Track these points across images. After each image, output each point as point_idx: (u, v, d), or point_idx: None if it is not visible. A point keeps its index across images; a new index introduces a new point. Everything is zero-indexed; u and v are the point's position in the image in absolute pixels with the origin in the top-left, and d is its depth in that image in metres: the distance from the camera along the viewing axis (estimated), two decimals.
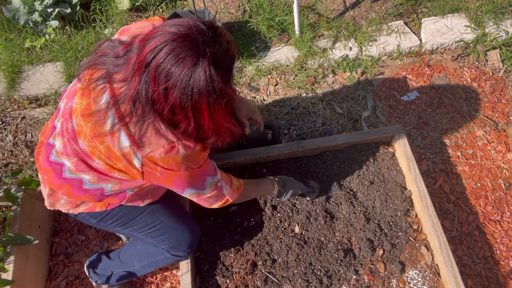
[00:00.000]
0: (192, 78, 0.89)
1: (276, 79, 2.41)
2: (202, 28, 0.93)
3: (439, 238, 1.65)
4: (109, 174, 1.16)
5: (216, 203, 1.35)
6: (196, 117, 0.97)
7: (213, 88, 0.92)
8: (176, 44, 0.89)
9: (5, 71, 2.41)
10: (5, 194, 1.63)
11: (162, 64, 0.89)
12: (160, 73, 0.90)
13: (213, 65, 0.91)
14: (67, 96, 1.21)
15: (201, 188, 1.24)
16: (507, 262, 1.82)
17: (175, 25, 0.93)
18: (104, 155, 1.11)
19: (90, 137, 1.10)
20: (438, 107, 2.30)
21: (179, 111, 0.94)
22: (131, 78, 0.95)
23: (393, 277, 1.66)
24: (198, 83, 0.90)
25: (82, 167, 1.17)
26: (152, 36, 0.93)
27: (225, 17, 2.64)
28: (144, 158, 1.07)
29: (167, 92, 0.91)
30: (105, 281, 1.63)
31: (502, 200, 1.98)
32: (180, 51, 0.89)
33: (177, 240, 1.46)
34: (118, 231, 1.45)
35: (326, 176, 1.89)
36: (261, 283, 1.64)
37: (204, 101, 0.93)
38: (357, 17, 2.65)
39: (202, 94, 0.92)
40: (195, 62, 0.89)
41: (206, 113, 0.96)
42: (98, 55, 1.08)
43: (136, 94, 0.94)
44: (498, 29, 2.54)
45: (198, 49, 0.90)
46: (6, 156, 2.15)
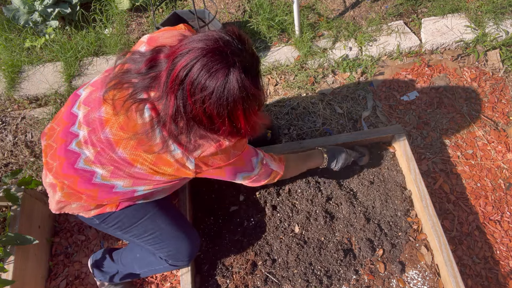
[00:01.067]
0: (226, 89, 0.94)
1: (276, 79, 2.41)
2: (227, 39, 0.97)
3: (439, 238, 1.65)
4: (150, 177, 1.20)
5: (267, 178, 1.43)
6: (233, 122, 1.03)
7: (246, 94, 0.97)
8: (207, 60, 0.93)
9: (5, 71, 2.41)
10: (5, 194, 1.63)
11: (196, 80, 0.93)
12: (196, 89, 0.94)
13: (243, 72, 0.96)
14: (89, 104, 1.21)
15: (250, 169, 1.33)
16: (507, 262, 1.82)
17: (202, 40, 0.97)
18: (149, 162, 1.15)
19: (132, 147, 1.13)
20: (438, 107, 2.30)
21: (217, 120, 1.00)
22: (166, 96, 0.99)
23: (393, 277, 1.66)
24: (233, 93, 0.95)
25: (119, 174, 1.19)
26: (181, 53, 0.97)
27: (225, 17, 2.64)
28: (196, 160, 1.14)
29: (204, 106, 0.96)
30: (109, 279, 1.63)
31: (502, 200, 1.98)
32: (212, 65, 0.93)
33: (176, 249, 1.45)
34: (118, 235, 1.44)
35: (326, 176, 1.89)
36: (261, 283, 1.64)
37: (239, 107, 0.99)
38: (357, 17, 2.65)
39: (237, 102, 0.97)
40: (227, 73, 0.94)
41: (242, 118, 1.02)
42: (121, 72, 1.10)
43: (175, 111, 0.99)
44: (498, 29, 2.54)
45: (228, 61, 0.94)
46: (6, 156, 2.15)
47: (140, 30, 2.63)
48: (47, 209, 1.85)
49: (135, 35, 2.60)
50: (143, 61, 1.07)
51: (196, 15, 2.14)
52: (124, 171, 1.18)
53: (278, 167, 1.45)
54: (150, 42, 1.23)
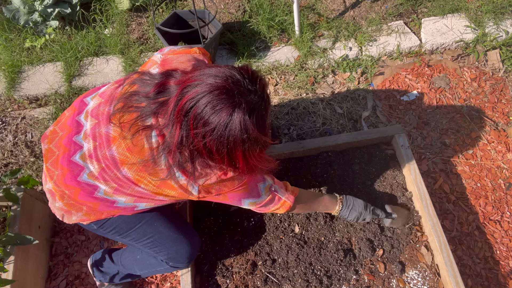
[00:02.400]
0: (227, 128, 0.94)
1: (276, 79, 2.41)
2: (238, 78, 0.98)
3: (439, 238, 1.65)
4: (153, 197, 1.21)
5: (276, 205, 1.38)
6: (232, 161, 1.03)
7: (247, 136, 0.97)
8: (212, 97, 0.94)
9: (5, 71, 2.41)
10: (5, 194, 1.62)
11: (200, 114, 0.94)
12: (198, 122, 0.95)
13: (248, 114, 0.95)
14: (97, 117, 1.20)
15: (257, 196, 1.30)
16: (507, 262, 1.82)
17: (212, 75, 0.97)
18: (153, 184, 1.15)
19: (137, 169, 1.14)
20: (438, 107, 2.30)
21: (216, 155, 1.00)
22: (172, 125, 0.99)
23: (393, 277, 1.66)
24: (234, 133, 0.95)
25: (122, 192, 1.19)
26: (190, 85, 0.97)
27: (225, 17, 2.64)
28: (200, 187, 1.15)
29: (204, 140, 0.97)
30: (109, 280, 1.63)
31: (502, 200, 1.98)
32: (216, 103, 0.94)
33: (176, 251, 1.44)
34: (117, 239, 1.43)
35: (326, 176, 1.89)
36: (261, 283, 1.64)
37: (239, 148, 0.98)
38: (357, 17, 2.65)
39: (237, 143, 0.97)
40: (230, 113, 0.94)
41: (241, 158, 1.02)
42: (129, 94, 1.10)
43: (180, 141, 0.99)
44: (498, 29, 2.54)
45: (234, 101, 0.94)
46: (6, 156, 2.15)
47: (140, 30, 2.63)
48: (47, 209, 1.85)
49: (135, 35, 2.60)
50: (153, 85, 1.07)
51: (196, 15, 2.14)
52: (127, 189, 1.18)
53: (287, 197, 1.40)
54: (163, 64, 1.25)
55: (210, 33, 2.38)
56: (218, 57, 2.48)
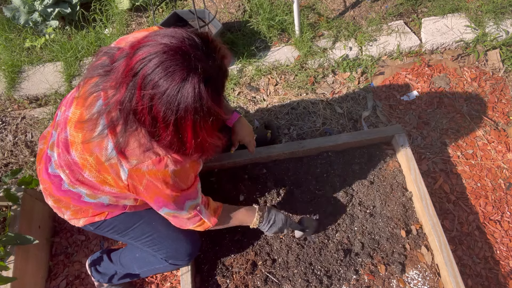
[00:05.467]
0: (179, 93, 0.86)
1: (276, 79, 2.41)
2: (196, 41, 0.90)
3: (439, 238, 1.65)
4: (101, 187, 1.14)
5: (193, 225, 1.28)
6: (179, 133, 0.93)
7: (200, 106, 0.89)
8: (166, 57, 0.86)
9: (5, 71, 2.41)
10: (5, 194, 1.62)
11: (150, 75, 0.86)
12: (147, 84, 0.87)
13: (203, 82, 0.88)
14: (65, 104, 1.20)
15: (179, 209, 1.19)
16: (507, 262, 1.82)
17: (167, 36, 0.90)
18: (94, 168, 1.09)
19: (81, 149, 1.08)
20: (438, 107, 2.30)
21: (161, 123, 0.91)
22: (119, 85, 0.92)
23: (393, 277, 1.66)
24: (186, 99, 0.87)
25: (74, 180, 1.15)
26: (142, 45, 0.90)
27: (225, 17, 2.64)
28: (130, 170, 1.04)
29: (151, 104, 0.88)
30: (107, 280, 1.63)
31: (502, 200, 1.98)
32: (170, 64, 0.86)
33: (174, 249, 1.43)
34: (116, 238, 1.43)
35: (326, 176, 1.89)
36: (261, 283, 1.64)
37: (189, 118, 0.90)
38: (357, 17, 2.65)
39: (188, 111, 0.88)
40: (184, 77, 0.86)
41: (190, 130, 0.93)
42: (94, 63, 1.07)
43: (122, 101, 0.92)
44: (498, 29, 2.54)
45: (189, 64, 0.87)
46: (6, 155, 2.15)
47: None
48: (47, 209, 1.85)
49: None
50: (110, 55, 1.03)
51: (196, 15, 2.14)
52: (78, 175, 1.14)
53: (209, 219, 1.29)
54: (119, 42, 1.19)
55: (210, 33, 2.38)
56: None
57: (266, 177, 1.88)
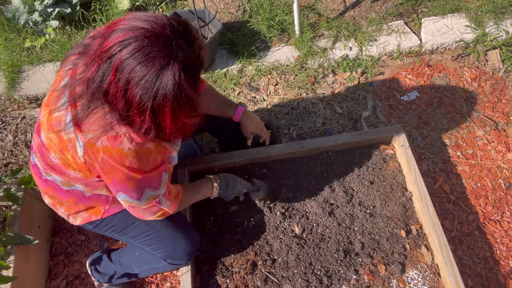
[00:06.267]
0: (158, 80, 0.85)
1: (276, 79, 2.41)
2: (177, 29, 0.89)
3: (439, 238, 1.65)
4: (66, 172, 1.12)
5: (151, 216, 1.24)
6: (156, 119, 0.92)
7: (180, 93, 0.88)
8: (148, 42, 0.84)
9: (5, 71, 2.41)
10: (5, 194, 1.63)
11: (128, 59, 0.84)
12: (124, 68, 0.85)
13: (183, 70, 0.87)
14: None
15: (136, 198, 1.13)
16: (507, 262, 1.82)
17: (148, 20, 0.87)
18: (58, 148, 1.06)
19: (46, 127, 1.07)
20: (438, 107, 2.30)
21: (135, 109, 0.89)
22: (90, 63, 0.90)
23: (393, 277, 1.66)
24: (165, 87, 0.86)
25: (45, 164, 1.14)
26: (121, 28, 0.87)
27: (225, 17, 2.64)
28: (85, 145, 1.00)
29: (126, 88, 0.86)
30: (107, 280, 1.63)
31: (502, 200, 1.98)
32: (151, 50, 0.84)
33: (173, 249, 1.42)
34: (115, 237, 1.43)
35: (326, 176, 1.89)
36: (261, 283, 1.64)
37: (168, 105, 0.89)
38: (357, 17, 2.65)
39: (167, 98, 0.87)
40: (164, 64, 0.85)
41: (169, 116, 0.92)
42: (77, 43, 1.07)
43: (91, 79, 0.89)
44: (498, 29, 2.54)
45: (171, 51, 0.85)
46: (6, 155, 2.15)
47: None
48: (47, 209, 1.85)
49: None
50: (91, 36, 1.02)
51: (196, 15, 2.13)
52: (46, 160, 1.11)
53: (169, 207, 1.25)
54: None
55: (210, 33, 2.38)
56: (218, 57, 2.48)
57: (266, 176, 1.88)
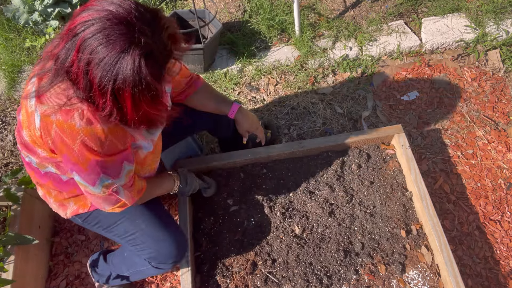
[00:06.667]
0: (118, 63, 0.85)
1: (276, 79, 2.41)
2: (143, 15, 0.88)
3: (439, 238, 1.65)
4: (35, 150, 1.11)
5: (106, 206, 1.20)
6: (118, 103, 0.92)
7: (139, 79, 0.87)
8: (109, 24, 0.84)
9: (5, 71, 2.41)
10: (5, 194, 1.62)
11: (90, 40, 0.84)
12: (85, 48, 0.85)
13: (144, 56, 0.86)
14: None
15: (90, 182, 1.10)
16: (507, 262, 1.82)
17: (115, 3, 0.88)
18: (26, 123, 1.06)
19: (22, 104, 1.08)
20: (438, 107, 2.30)
21: (96, 90, 0.89)
22: (60, 40, 0.91)
23: (393, 277, 1.66)
24: (124, 71, 0.85)
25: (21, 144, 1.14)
26: (88, 8, 0.88)
27: (225, 17, 2.64)
28: (41, 116, 1.00)
29: (88, 68, 0.86)
30: (105, 281, 1.63)
31: (502, 200, 1.98)
32: (112, 32, 0.84)
33: (157, 251, 1.36)
34: (103, 234, 1.40)
35: (326, 176, 1.89)
36: (261, 283, 1.63)
37: (127, 90, 0.88)
38: (357, 17, 2.65)
39: (126, 83, 0.87)
40: (125, 48, 0.84)
41: (129, 102, 0.91)
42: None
43: (58, 55, 0.91)
44: (498, 29, 2.54)
45: (133, 36, 0.85)
46: (6, 155, 2.15)
47: None
48: (47, 209, 1.85)
49: None
50: None
51: (196, 15, 2.14)
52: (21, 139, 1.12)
53: (129, 199, 1.21)
54: None
55: (210, 33, 2.38)
56: (218, 57, 2.48)
57: (266, 177, 1.88)
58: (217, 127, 1.74)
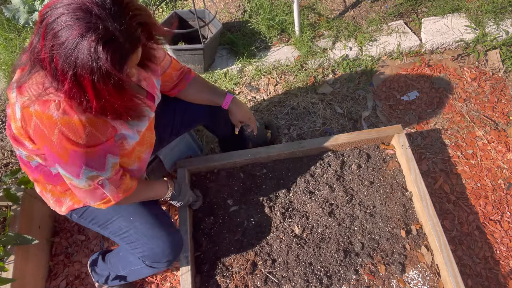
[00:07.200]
0: (76, 48, 0.84)
1: (276, 79, 2.41)
2: (103, 0, 0.86)
3: (439, 238, 1.65)
4: (23, 142, 1.11)
5: (91, 201, 1.19)
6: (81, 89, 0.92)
7: (97, 66, 0.86)
8: (68, 9, 0.85)
9: (5, 71, 2.41)
10: (5, 194, 1.62)
11: (52, 24, 0.85)
12: (49, 32, 0.86)
13: (102, 42, 0.85)
14: None
15: (73, 175, 1.09)
16: (507, 262, 1.82)
17: None
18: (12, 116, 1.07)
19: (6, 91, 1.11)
20: (438, 107, 2.30)
21: (61, 75, 0.89)
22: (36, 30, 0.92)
23: (393, 277, 1.66)
24: (82, 56, 0.85)
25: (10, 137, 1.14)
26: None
27: (225, 17, 2.64)
28: (22, 107, 1.01)
29: (51, 54, 0.87)
30: (104, 281, 1.63)
31: (502, 200, 1.98)
32: (70, 17, 0.84)
33: (150, 249, 1.34)
34: (99, 231, 1.39)
35: (326, 176, 1.89)
36: (261, 283, 1.64)
37: (86, 76, 0.88)
38: (357, 17, 2.65)
39: (84, 69, 0.86)
40: (82, 33, 0.84)
41: (90, 89, 0.91)
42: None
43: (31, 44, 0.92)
44: (498, 29, 2.54)
45: (90, 21, 0.84)
46: (6, 156, 2.15)
47: None
48: (47, 209, 1.85)
49: None
50: None
51: (196, 15, 2.14)
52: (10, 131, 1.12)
53: (114, 195, 1.19)
54: None
55: (210, 33, 2.38)
56: (218, 57, 2.48)
57: (266, 177, 1.88)
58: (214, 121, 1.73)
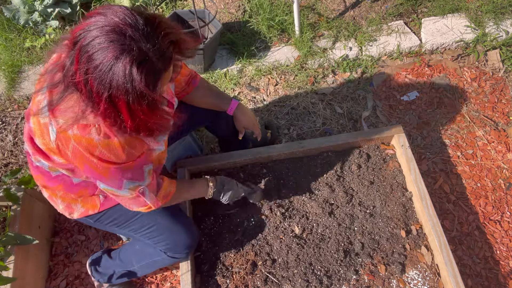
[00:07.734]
0: (111, 71, 0.85)
1: (276, 79, 2.41)
2: (136, 21, 0.87)
3: (439, 238, 1.65)
4: (50, 156, 1.12)
5: (135, 207, 1.25)
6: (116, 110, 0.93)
7: (132, 87, 0.87)
8: (101, 31, 0.85)
9: (5, 71, 2.41)
10: (5, 194, 1.62)
11: (86, 47, 0.86)
12: (83, 55, 0.86)
13: (137, 63, 0.86)
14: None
15: (116, 187, 1.15)
16: (507, 262, 1.82)
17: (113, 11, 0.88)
18: (39, 131, 1.08)
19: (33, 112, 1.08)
20: (438, 107, 2.30)
21: (96, 97, 0.90)
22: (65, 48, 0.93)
23: (393, 277, 1.66)
24: (117, 78, 0.86)
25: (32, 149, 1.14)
26: (90, 16, 0.90)
27: (225, 17, 2.64)
28: (58, 131, 1.02)
29: (86, 77, 0.87)
30: (107, 280, 1.63)
31: (502, 200, 1.98)
32: (104, 40, 0.85)
33: (174, 241, 1.45)
34: (116, 231, 1.45)
35: (326, 176, 1.89)
36: (261, 283, 1.63)
37: (121, 98, 0.89)
38: (357, 17, 2.65)
39: (120, 91, 0.87)
40: (116, 55, 0.85)
41: (125, 110, 0.92)
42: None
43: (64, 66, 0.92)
44: (498, 29, 2.54)
45: (124, 43, 0.85)
46: (6, 155, 2.15)
47: None
48: (47, 209, 1.85)
49: None
50: None
51: (196, 15, 2.14)
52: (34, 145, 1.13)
53: (154, 202, 1.25)
54: None
55: (210, 33, 2.38)
56: (218, 57, 2.48)
57: (266, 177, 1.88)
58: (215, 123, 1.74)
